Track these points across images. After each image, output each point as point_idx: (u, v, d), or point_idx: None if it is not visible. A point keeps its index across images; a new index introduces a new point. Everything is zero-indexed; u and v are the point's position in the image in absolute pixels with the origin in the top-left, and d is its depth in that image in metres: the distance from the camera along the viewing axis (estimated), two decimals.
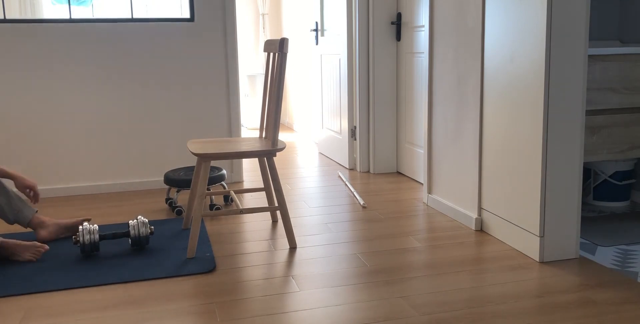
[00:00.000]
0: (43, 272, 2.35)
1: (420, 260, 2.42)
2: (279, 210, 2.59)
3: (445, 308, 1.98)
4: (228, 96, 3.81)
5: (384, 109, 4.01)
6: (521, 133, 2.42)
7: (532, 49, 2.31)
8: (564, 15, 2.23)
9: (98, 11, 3.69)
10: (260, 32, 6.92)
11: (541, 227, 2.35)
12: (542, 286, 2.13)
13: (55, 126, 3.58)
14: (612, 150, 2.64)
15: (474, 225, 2.78)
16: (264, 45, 2.80)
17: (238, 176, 3.96)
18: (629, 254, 2.43)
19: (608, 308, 1.95)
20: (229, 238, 2.75)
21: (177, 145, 3.79)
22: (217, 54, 3.75)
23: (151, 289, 2.19)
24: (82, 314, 1.99)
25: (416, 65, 3.70)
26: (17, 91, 3.49)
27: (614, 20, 3.19)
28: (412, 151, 3.86)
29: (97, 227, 2.52)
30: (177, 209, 3.14)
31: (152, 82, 3.68)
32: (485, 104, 2.67)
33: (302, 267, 2.38)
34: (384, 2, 3.89)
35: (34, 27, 3.46)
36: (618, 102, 2.60)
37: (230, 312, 1.99)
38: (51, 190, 3.61)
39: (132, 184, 3.74)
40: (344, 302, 2.04)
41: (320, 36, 4.69)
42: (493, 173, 2.65)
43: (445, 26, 2.95)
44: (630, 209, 3.07)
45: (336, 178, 3.97)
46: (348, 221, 2.99)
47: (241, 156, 2.54)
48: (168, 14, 3.73)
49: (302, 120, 6.22)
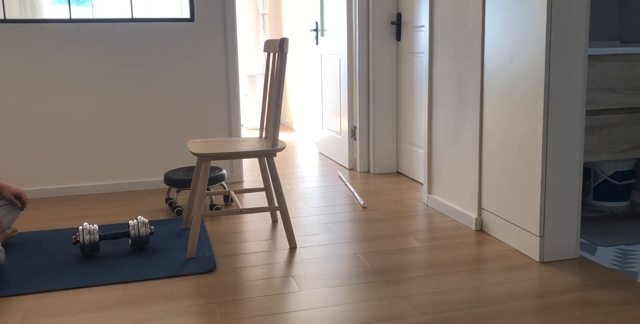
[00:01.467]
0: (43, 272, 2.35)
1: (420, 260, 2.42)
2: (279, 210, 2.59)
3: (445, 308, 1.98)
4: (228, 96, 3.81)
5: (384, 109, 4.01)
6: (521, 133, 2.42)
7: (532, 49, 2.31)
8: (564, 15, 2.23)
9: (98, 11, 3.69)
10: (260, 32, 6.92)
11: (541, 227, 2.35)
12: (542, 286, 2.13)
13: (55, 126, 3.58)
14: (612, 150, 2.64)
15: (474, 225, 2.78)
16: (264, 45, 2.80)
17: (238, 176, 3.95)
18: (629, 254, 2.43)
19: (608, 308, 1.95)
20: (229, 238, 2.75)
21: (177, 145, 3.79)
22: (217, 54, 3.75)
23: (151, 289, 2.19)
24: (82, 314, 1.99)
25: (416, 65, 3.70)
26: (17, 91, 3.49)
27: (614, 20, 3.19)
28: (412, 151, 3.86)
29: (97, 227, 2.53)
30: (177, 209, 3.14)
31: (152, 82, 3.68)
32: (485, 104, 2.67)
33: (302, 267, 2.38)
34: (384, 2, 3.89)
35: (34, 27, 3.46)
36: (618, 102, 2.60)
37: (230, 312, 1.99)
38: (51, 190, 3.61)
39: (132, 184, 3.74)
40: (344, 302, 2.04)
41: (320, 36, 4.69)
42: (493, 173, 2.65)
43: (445, 26, 2.95)
44: (630, 209, 3.07)
45: (336, 178, 3.97)
46: (348, 221, 2.99)
47: (241, 156, 2.54)
48: (168, 14, 3.73)
49: (302, 120, 6.22)
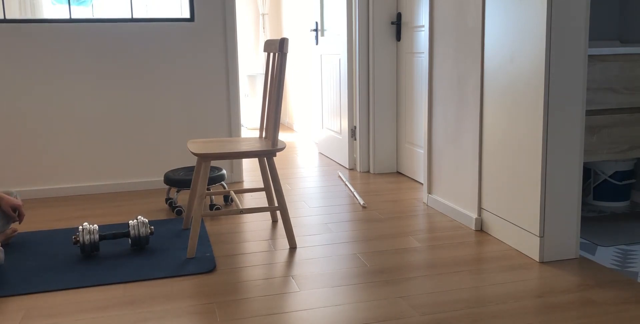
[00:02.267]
0: (43, 272, 2.35)
1: (420, 260, 2.42)
2: (279, 210, 2.59)
3: (445, 308, 1.98)
4: (228, 96, 3.81)
5: (384, 109, 4.01)
6: (521, 133, 2.42)
7: (532, 49, 2.31)
8: (564, 15, 2.23)
9: (98, 11, 3.69)
10: (260, 32, 6.92)
11: (541, 227, 2.35)
12: (542, 286, 2.13)
13: (55, 126, 3.58)
14: (612, 150, 2.64)
15: (474, 225, 2.78)
16: (264, 45, 2.80)
17: (238, 176, 3.95)
18: (629, 254, 2.42)
19: (608, 308, 1.95)
20: (229, 238, 2.75)
21: (177, 145, 3.79)
22: (217, 54, 3.75)
23: (151, 289, 2.19)
24: (82, 314, 1.99)
25: (416, 65, 3.70)
26: (17, 91, 3.49)
27: (614, 20, 3.19)
28: (412, 151, 3.86)
29: (97, 227, 2.53)
30: (177, 209, 3.14)
31: (152, 82, 3.68)
32: (485, 104, 2.67)
33: (302, 267, 2.38)
34: (384, 2, 3.89)
35: (34, 27, 3.46)
36: (618, 102, 2.60)
37: (230, 312, 1.98)
38: (51, 190, 3.61)
39: (132, 184, 3.74)
40: (344, 302, 2.04)
41: (320, 36, 4.69)
42: (493, 173, 2.65)
43: (445, 26, 2.95)
44: (630, 209, 3.07)
45: (336, 178, 3.97)
46: (348, 221, 2.99)
47: (241, 156, 2.54)
48: (168, 14, 3.73)
49: (302, 120, 6.22)
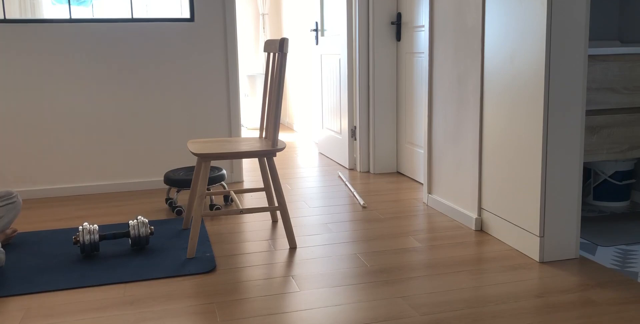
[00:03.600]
0: (43, 272, 2.35)
1: (420, 260, 2.42)
2: (279, 210, 2.59)
3: (445, 308, 1.98)
4: (228, 96, 3.81)
5: (384, 109, 4.01)
6: (521, 133, 2.42)
7: (532, 49, 2.31)
8: (564, 15, 2.23)
9: (98, 11, 3.69)
10: (260, 32, 6.92)
11: (541, 227, 2.35)
12: (542, 286, 2.13)
13: (55, 126, 3.58)
14: (612, 150, 2.64)
15: (474, 225, 2.78)
16: (264, 45, 2.80)
17: (238, 176, 3.95)
18: (629, 254, 2.42)
19: (608, 308, 1.95)
20: (229, 238, 2.75)
21: (177, 145, 3.79)
22: (217, 54, 3.75)
23: (151, 289, 2.18)
24: (82, 314, 1.99)
25: (416, 65, 3.70)
26: (17, 91, 3.49)
27: (614, 20, 3.19)
28: (412, 151, 3.86)
29: (97, 227, 2.53)
30: (177, 209, 3.14)
31: (152, 82, 3.68)
32: (485, 104, 2.67)
33: (302, 267, 2.38)
34: (384, 2, 3.89)
35: (34, 27, 3.46)
36: (618, 102, 2.60)
37: (230, 312, 1.98)
38: (51, 190, 3.61)
39: (132, 184, 3.74)
40: (344, 302, 2.04)
41: (320, 36, 4.69)
42: (493, 173, 2.65)
43: (445, 26, 2.95)
44: (630, 209, 3.07)
45: (336, 178, 3.97)
46: (348, 221, 2.99)
47: (241, 156, 2.53)
48: (168, 14, 3.72)
49: (302, 120, 6.22)
